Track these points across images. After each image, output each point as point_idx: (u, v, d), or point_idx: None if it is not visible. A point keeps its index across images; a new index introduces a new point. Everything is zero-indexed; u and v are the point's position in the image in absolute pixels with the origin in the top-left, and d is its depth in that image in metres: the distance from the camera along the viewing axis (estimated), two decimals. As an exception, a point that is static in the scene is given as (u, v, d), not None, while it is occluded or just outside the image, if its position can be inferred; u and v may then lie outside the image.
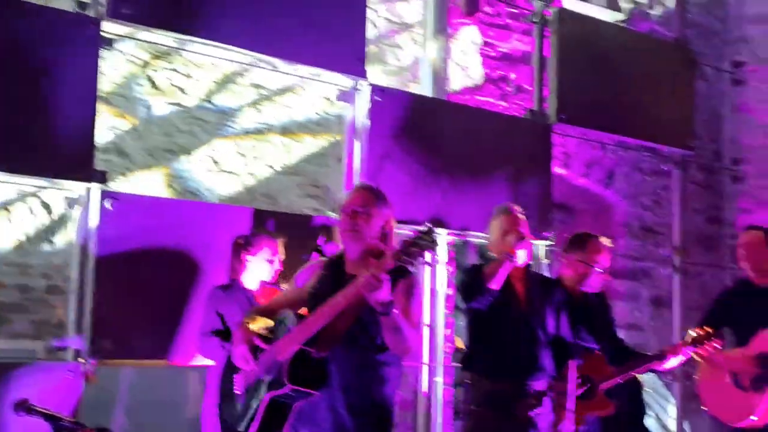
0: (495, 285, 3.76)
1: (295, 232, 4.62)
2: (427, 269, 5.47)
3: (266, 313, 3.28)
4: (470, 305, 3.80)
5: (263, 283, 4.31)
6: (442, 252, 5.53)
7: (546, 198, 5.74)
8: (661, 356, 4.40)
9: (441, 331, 5.53)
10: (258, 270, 4.32)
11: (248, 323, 3.22)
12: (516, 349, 3.82)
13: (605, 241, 4.51)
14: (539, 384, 3.86)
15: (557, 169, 6.68)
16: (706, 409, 5.04)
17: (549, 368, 3.90)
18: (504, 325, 3.84)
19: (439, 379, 5.49)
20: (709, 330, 4.45)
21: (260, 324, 3.22)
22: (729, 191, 8.25)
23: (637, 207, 7.69)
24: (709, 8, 8.28)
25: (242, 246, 4.35)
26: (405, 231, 5.32)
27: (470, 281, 3.80)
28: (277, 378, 3.05)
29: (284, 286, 4.23)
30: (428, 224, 2.88)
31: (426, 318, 5.45)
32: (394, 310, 2.95)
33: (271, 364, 3.08)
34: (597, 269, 4.39)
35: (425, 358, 5.43)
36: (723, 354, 4.81)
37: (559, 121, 5.82)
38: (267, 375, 3.11)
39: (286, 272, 4.36)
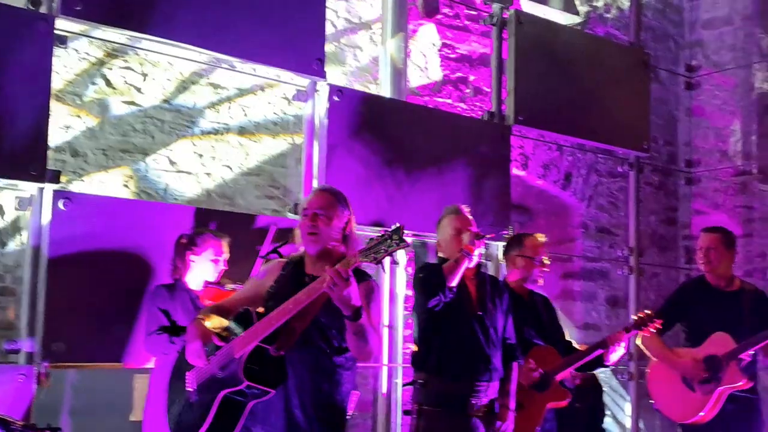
0: (453, 283, 3.78)
1: (242, 231, 4.59)
2: (387, 270, 5.46)
3: (222, 311, 3.24)
4: (429, 303, 3.79)
5: (207, 283, 4.25)
6: (401, 253, 5.52)
7: (505, 199, 5.76)
8: (605, 344, 4.48)
9: (400, 332, 5.52)
10: (202, 270, 4.27)
11: (203, 320, 3.18)
12: (470, 349, 3.83)
13: (540, 237, 4.65)
14: (491, 388, 3.86)
15: (515, 171, 6.73)
16: (653, 401, 5.12)
17: (500, 368, 3.92)
18: (458, 325, 3.85)
19: (399, 381, 5.48)
20: (650, 312, 4.58)
21: (215, 322, 3.19)
22: (683, 193, 8.39)
23: (593, 208, 7.77)
24: (665, 13, 8.41)
25: (186, 245, 4.29)
26: (364, 232, 5.33)
27: (431, 279, 3.79)
28: (232, 375, 3.02)
29: (229, 286, 4.20)
30: (397, 223, 2.87)
31: (385, 319, 5.45)
32: (363, 314, 2.96)
33: (227, 361, 3.05)
34: (537, 262, 4.54)
35: (385, 359, 5.42)
36: (673, 354, 4.89)
37: (517, 122, 5.85)
38: (222, 372, 3.07)
39: (230, 272, 4.32)
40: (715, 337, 4.77)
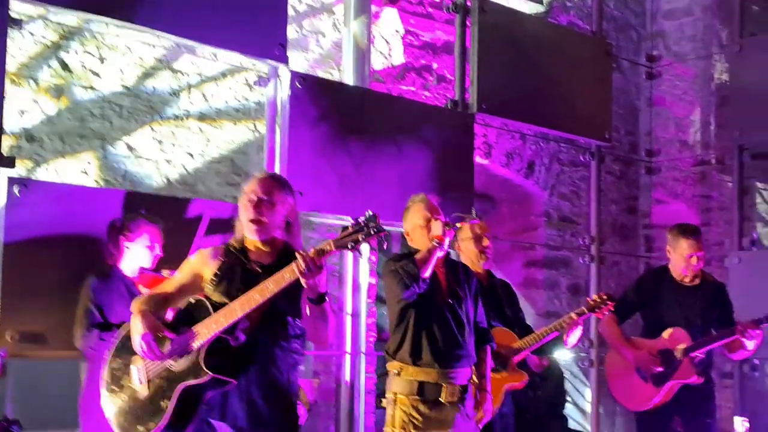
0: (427, 274, 3.74)
1: (178, 217, 4.54)
2: (350, 258, 5.45)
3: (159, 299, 3.16)
4: (404, 295, 3.75)
5: (142, 270, 4.17)
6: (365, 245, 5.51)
7: (468, 187, 5.76)
8: (560, 326, 4.55)
9: (364, 320, 5.51)
10: (137, 256, 4.19)
11: (149, 311, 3.09)
12: (443, 337, 3.80)
13: (478, 219, 4.75)
14: (464, 374, 3.86)
15: (478, 159, 6.73)
16: (611, 392, 5.18)
17: (473, 355, 3.92)
18: (430, 313, 3.82)
19: (362, 369, 5.47)
20: (604, 296, 4.61)
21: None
22: (644, 182, 8.46)
23: (555, 197, 7.80)
24: (626, 3, 8.45)
25: (119, 230, 4.20)
26: (328, 220, 5.31)
27: (406, 271, 3.74)
28: (192, 367, 2.97)
29: (165, 273, 4.13)
30: (370, 211, 2.92)
31: (348, 307, 5.43)
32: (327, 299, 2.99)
33: (183, 353, 3.00)
34: (480, 240, 4.56)
35: (348, 347, 5.40)
36: (630, 344, 4.94)
37: (480, 111, 5.85)
38: (178, 365, 3.01)
39: (166, 258, 4.24)
40: (672, 332, 4.82)
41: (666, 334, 4.83)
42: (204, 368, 2.94)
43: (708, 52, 8.33)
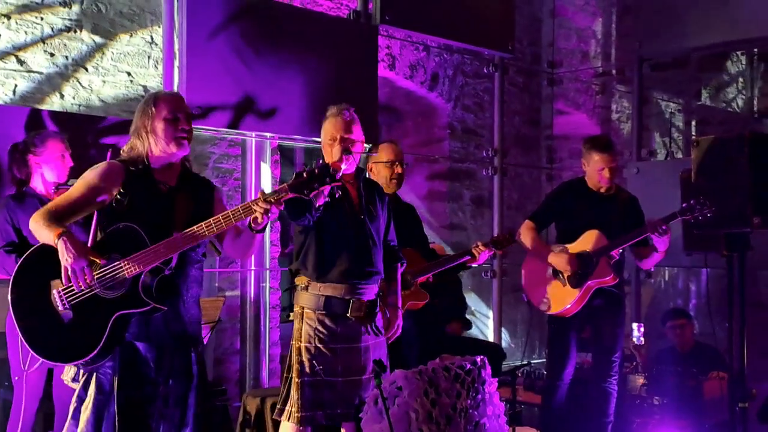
0: (319, 203, 3.60)
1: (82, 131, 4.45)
2: (253, 172, 5.39)
3: (63, 214, 3.00)
4: (299, 223, 3.69)
5: (58, 185, 4.09)
6: (267, 156, 5.45)
7: (372, 100, 5.72)
8: (465, 254, 4.78)
9: (268, 235, 5.49)
10: (49, 172, 4.11)
11: (71, 234, 2.92)
12: (354, 254, 3.77)
13: (394, 143, 4.85)
14: (372, 290, 3.88)
15: (382, 72, 6.68)
16: (524, 292, 5.30)
17: (381, 271, 3.92)
18: (340, 230, 3.77)
19: (266, 284, 5.47)
20: (509, 235, 4.98)
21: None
22: (546, 94, 8.56)
23: (459, 109, 7.84)
24: None
25: (25, 150, 4.10)
26: (230, 135, 5.20)
27: (293, 201, 3.60)
28: (128, 296, 2.96)
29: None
30: (321, 160, 3.07)
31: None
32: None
33: (115, 282, 2.95)
34: (394, 165, 4.69)
35: (252, 263, 5.39)
36: (547, 249, 5.05)
37: (384, 22, 5.78)
38: (111, 292, 2.95)
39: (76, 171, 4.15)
40: (588, 235, 4.93)
41: (583, 237, 4.95)
42: (145, 298, 2.97)
43: (609, -38, 8.40)
